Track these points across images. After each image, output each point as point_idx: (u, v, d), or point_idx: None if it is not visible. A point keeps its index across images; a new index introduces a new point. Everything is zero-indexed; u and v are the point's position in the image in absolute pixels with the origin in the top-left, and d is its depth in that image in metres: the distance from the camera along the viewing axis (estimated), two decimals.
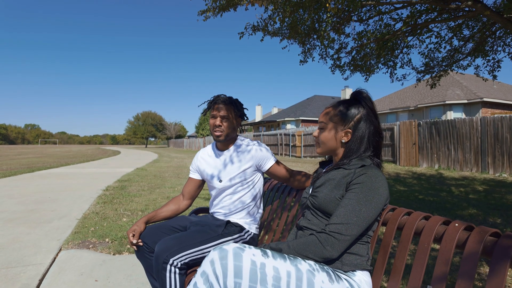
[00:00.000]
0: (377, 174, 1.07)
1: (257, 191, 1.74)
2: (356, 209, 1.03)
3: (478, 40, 5.01)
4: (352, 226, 1.02)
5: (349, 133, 1.19)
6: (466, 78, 20.89)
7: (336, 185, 1.12)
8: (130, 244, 1.57)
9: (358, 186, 1.06)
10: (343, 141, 1.20)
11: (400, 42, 4.60)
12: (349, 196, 1.06)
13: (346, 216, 1.03)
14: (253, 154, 1.70)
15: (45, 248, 2.93)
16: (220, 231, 1.53)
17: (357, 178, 1.08)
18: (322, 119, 1.25)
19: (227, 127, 1.69)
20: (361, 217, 1.02)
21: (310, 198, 1.21)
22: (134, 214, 4.28)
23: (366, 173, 1.08)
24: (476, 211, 4.84)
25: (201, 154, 1.86)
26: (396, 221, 1.10)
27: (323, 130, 1.25)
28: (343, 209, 1.05)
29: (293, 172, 1.72)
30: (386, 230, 1.12)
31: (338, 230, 1.02)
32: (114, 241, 3.13)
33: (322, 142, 1.25)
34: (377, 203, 1.05)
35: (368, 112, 1.19)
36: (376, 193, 1.05)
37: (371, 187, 1.05)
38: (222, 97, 1.72)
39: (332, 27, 3.95)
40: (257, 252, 0.97)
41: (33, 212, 4.38)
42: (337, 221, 1.03)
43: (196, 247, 1.43)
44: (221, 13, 3.83)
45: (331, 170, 1.20)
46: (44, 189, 6.51)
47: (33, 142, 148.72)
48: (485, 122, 9.40)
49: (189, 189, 1.84)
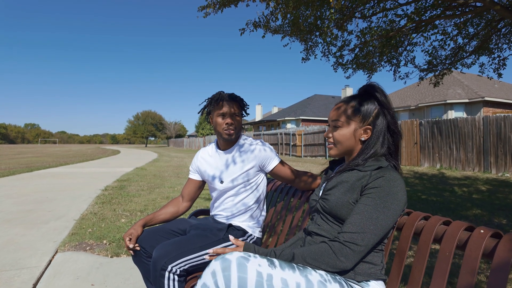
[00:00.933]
0: (396, 177, 0.98)
1: (260, 192, 1.66)
2: (373, 216, 0.94)
3: (483, 37, 4.92)
4: (369, 235, 0.93)
5: (369, 130, 1.09)
6: (467, 77, 20.79)
7: (350, 188, 1.03)
8: (126, 249, 1.49)
9: (375, 190, 0.97)
10: (362, 139, 1.11)
11: (404, 39, 4.51)
12: (365, 202, 0.97)
13: (362, 224, 0.94)
14: (256, 153, 1.61)
15: (40, 250, 2.85)
16: (221, 235, 1.45)
17: (374, 182, 0.98)
18: (336, 116, 1.14)
19: (238, 125, 1.62)
20: (378, 225, 0.93)
21: (321, 201, 1.11)
22: (133, 215, 4.20)
23: (383, 176, 0.98)
24: (481, 211, 4.76)
25: (201, 154, 1.78)
26: (412, 226, 1.02)
27: (338, 128, 1.13)
28: (359, 216, 0.96)
29: (298, 172, 1.63)
30: (401, 236, 1.04)
31: (354, 240, 0.93)
32: (112, 243, 3.05)
33: (338, 141, 1.14)
34: (395, 209, 0.95)
35: (384, 106, 1.09)
36: (394, 199, 0.95)
37: (389, 192, 0.96)
38: (229, 94, 1.63)
39: (335, 24, 3.87)
40: (263, 262, 0.88)
41: (30, 213, 4.30)
42: (352, 229, 0.94)
43: (196, 253, 1.35)
44: (221, 9, 3.74)
45: (344, 172, 1.10)
46: (42, 188, 6.43)
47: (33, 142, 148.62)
48: (488, 121, 9.31)
49: (188, 191, 1.76)
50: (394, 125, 1.09)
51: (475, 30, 5.03)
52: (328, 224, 1.06)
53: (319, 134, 17.31)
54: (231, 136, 1.59)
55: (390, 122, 1.09)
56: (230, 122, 1.58)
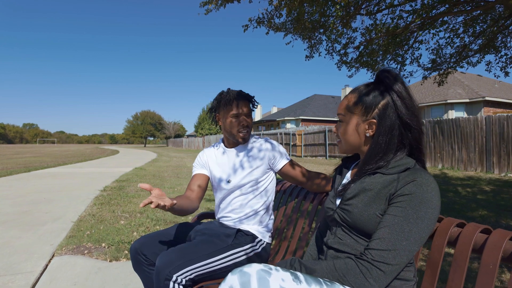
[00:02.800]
0: (429, 181, 0.85)
1: (269, 193, 1.56)
2: (405, 230, 0.81)
3: (489, 35, 4.83)
4: (402, 252, 0.80)
5: (373, 124, 0.93)
6: (467, 77, 20.74)
7: (375, 198, 0.89)
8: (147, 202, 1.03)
9: (406, 198, 0.83)
10: (367, 135, 0.95)
11: (409, 37, 4.42)
12: (394, 212, 0.84)
13: (393, 239, 0.80)
14: (265, 151, 1.52)
15: (36, 254, 2.74)
16: (230, 242, 1.35)
17: (404, 188, 0.84)
18: (340, 110, 1.01)
19: (251, 125, 1.54)
20: (411, 240, 0.80)
21: (340, 212, 0.97)
22: (132, 216, 4.09)
23: (415, 180, 0.84)
24: (487, 212, 4.68)
25: (207, 152, 1.68)
26: (445, 234, 0.92)
27: (342, 123, 1.01)
28: (388, 230, 0.82)
29: (311, 173, 1.53)
30: (433, 246, 0.93)
31: (384, 259, 0.80)
32: (111, 246, 2.94)
33: (342, 138, 1.01)
34: (430, 219, 0.82)
35: (398, 96, 0.92)
36: (428, 207, 0.82)
37: (422, 199, 0.82)
38: (239, 92, 1.53)
39: (340, 21, 3.77)
40: (287, 276, 0.77)
41: (26, 214, 4.19)
42: (381, 246, 0.81)
43: (203, 261, 1.25)
44: (224, 4, 3.63)
45: (365, 176, 0.95)
46: (40, 189, 6.31)
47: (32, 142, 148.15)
48: (490, 121, 9.23)
49: (198, 185, 1.55)
50: (410, 118, 0.91)
51: (481, 28, 4.94)
52: (351, 237, 0.93)
53: (319, 134, 17.21)
54: (244, 137, 1.52)
55: (404, 114, 0.91)
56: (245, 124, 1.50)
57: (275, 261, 1.57)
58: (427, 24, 3.74)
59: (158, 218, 3.98)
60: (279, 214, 1.74)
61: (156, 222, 3.77)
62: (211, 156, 1.64)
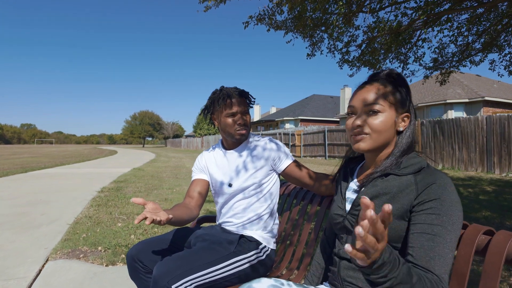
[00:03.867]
0: (447, 180, 0.78)
1: (273, 196, 1.47)
2: (447, 239, 0.73)
3: (493, 34, 4.76)
4: (449, 265, 0.72)
5: (406, 118, 0.90)
6: (466, 77, 20.72)
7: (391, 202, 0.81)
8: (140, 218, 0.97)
9: (436, 203, 0.75)
10: (400, 129, 0.90)
11: (412, 35, 4.34)
12: (429, 220, 0.75)
13: (444, 255, 0.72)
14: (267, 151, 1.43)
15: (30, 258, 2.64)
16: (232, 249, 1.26)
17: (428, 192, 0.77)
18: (376, 99, 0.87)
19: (249, 123, 1.45)
20: (452, 249, 0.73)
21: (351, 218, 0.89)
22: (130, 218, 4.00)
23: (435, 182, 0.77)
24: (490, 213, 4.61)
25: (206, 155, 1.58)
26: (473, 243, 0.83)
27: (377, 114, 0.87)
28: (432, 243, 0.73)
29: (317, 175, 1.44)
30: (458, 255, 0.85)
31: (444, 279, 0.71)
32: (108, 250, 2.85)
33: (376, 131, 0.87)
34: (460, 222, 0.76)
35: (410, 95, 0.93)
36: (458, 209, 0.76)
37: (451, 202, 0.75)
38: (236, 90, 1.44)
39: (343, 18, 3.69)
40: None
41: (22, 216, 4.08)
42: (438, 264, 0.72)
43: (204, 270, 1.16)
44: (224, 1, 3.55)
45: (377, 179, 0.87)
46: (36, 190, 6.20)
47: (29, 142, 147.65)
48: (491, 121, 9.18)
49: (199, 191, 1.47)
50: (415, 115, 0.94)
51: (484, 26, 4.88)
52: None
53: (319, 134, 17.14)
54: (243, 136, 1.43)
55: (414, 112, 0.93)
56: (242, 122, 1.41)
57: (280, 268, 1.48)
58: (431, 21, 3.67)
59: None
60: (283, 218, 1.66)
61: (154, 225, 3.67)
62: (211, 159, 1.55)
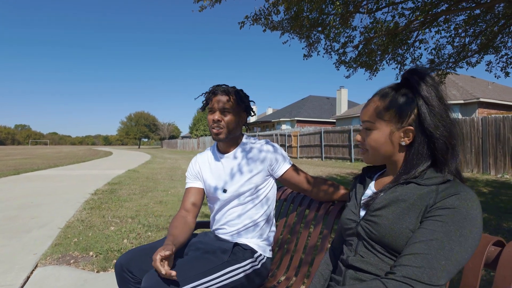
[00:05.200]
0: (473, 197, 0.73)
1: (270, 202, 1.41)
2: (446, 247, 0.68)
3: (489, 35, 4.76)
4: (439, 273, 0.67)
5: (410, 132, 0.84)
6: (461, 78, 20.86)
7: (409, 210, 0.77)
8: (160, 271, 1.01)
9: (448, 212, 0.71)
10: (402, 144, 0.86)
11: (409, 36, 4.32)
12: (432, 226, 0.71)
13: (431, 256, 0.68)
14: (264, 155, 1.37)
15: (18, 265, 2.55)
16: (226, 258, 1.19)
17: (445, 200, 0.73)
18: (367, 117, 0.90)
19: (229, 123, 1.35)
20: (452, 260, 0.68)
21: (364, 224, 0.85)
22: (123, 222, 3.91)
23: (457, 193, 0.73)
24: (487, 215, 4.58)
25: (199, 159, 1.52)
26: (481, 255, 0.78)
27: (370, 131, 0.90)
28: (424, 245, 0.70)
29: (316, 180, 1.38)
30: (466, 268, 0.80)
31: (418, 277, 0.67)
32: (99, 255, 2.77)
33: (372, 147, 0.90)
34: (474, 239, 0.70)
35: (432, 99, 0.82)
36: (474, 225, 0.70)
37: (467, 216, 0.70)
38: (222, 87, 1.38)
39: (339, 19, 3.65)
40: None
41: (12, 220, 3.98)
42: (415, 262, 0.69)
43: (197, 280, 1.09)
44: (219, 0, 3.49)
45: (397, 186, 0.84)
46: (28, 192, 6.08)
47: (24, 143, 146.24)
48: (487, 122, 9.22)
49: (194, 201, 1.42)
50: (449, 125, 0.81)
51: (480, 27, 4.87)
52: (375, 255, 0.80)
53: (315, 135, 17.14)
54: (217, 135, 1.35)
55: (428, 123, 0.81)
56: (216, 119, 1.33)
57: (276, 276, 1.42)
58: (428, 22, 3.64)
59: (150, 224, 3.81)
60: (280, 225, 1.60)
61: (148, 228, 3.60)
62: (204, 163, 1.48)
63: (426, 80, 0.84)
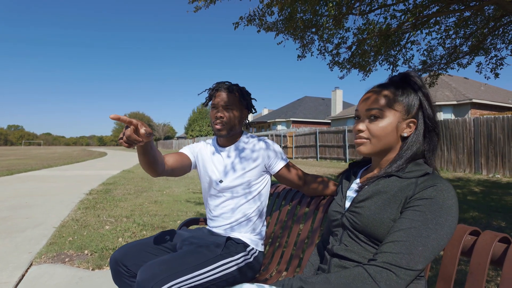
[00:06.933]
0: (449, 188, 0.79)
1: (263, 198, 1.45)
2: (423, 234, 0.74)
3: (480, 37, 4.85)
4: (417, 258, 0.72)
5: (412, 124, 0.90)
6: (455, 79, 21.13)
7: (390, 201, 0.82)
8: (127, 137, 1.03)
9: (425, 202, 0.77)
10: (404, 135, 0.91)
11: (402, 37, 4.40)
12: (411, 216, 0.77)
13: (409, 243, 0.73)
14: (262, 152, 1.41)
15: (13, 264, 2.56)
16: (219, 252, 1.23)
17: (423, 192, 0.78)
18: (377, 104, 0.90)
19: (231, 119, 1.40)
20: (428, 247, 0.73)
21: (349, 215, 0.90)
22: (118, 221, 3.92)
23: (435, 185, 0.79)
24: (478, 213, 4.67)
25: (203, 145, 1.57)
26: (459, 244, 0.83)
27: (377, 119, 0.90)
28: (404, 233, 0.75)
29: (308, 176, 1.43)
30: (445, 256, 0.85)
31: (397, 263, 0.72)
32: (94, 254, 2.78)
33: (376, 136, 0.90)
34: (450, 227, 0.76)
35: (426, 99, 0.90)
36: (449, 214, 0.76)
37: (443, 205, 0.76)
38: (226, 84, 1.43)
39: (333, 20, 3.71)
40: None
41: (5, 220, 3.97)
42: (395, 249, 0.74)
43: (190, 273, 1.13)
44: (214, 1, 3.53)
45: (380, 179, 0.89)
46: (22, 193, 6.05)
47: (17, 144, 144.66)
48: (478, 122, 9.35)
49: (176, 160, 1.42)
50: (433, 122, 0.90)
51: (471, 29, 4.97)
52: (359, 244, 0.86)
53: (310, 136, 17.23)
54: (219, 131, 1.40)
55: (430, 117, 0.90)
56: (219, 115, 1.39)
57: (269, 270, 1.46)
58: (420, 24, 3.72)
59: (145, 223, 3.83)
60: (272, 219, 1.64)
61: (143, 227, 3.62)
62: (206, 151, 1.53)
63: (422, 80, 0.93)
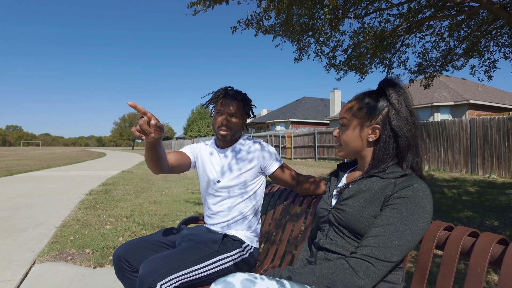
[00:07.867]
0: (424, 188, 0.87)
1: (258, 197, 1.53)
2: (399, 230, 0.82)
3: (473, 40, 4.95)
4: (393, 251, 0.81)
5: (377, 130, 0.97)
6: (452, 80, 21.25)
7: (371, 199, 0.91)
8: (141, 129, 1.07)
9: (402, 201, 0.85)
10: (370, 140, 0.99)
11: (397, 40, 4.49)
12: (389, 213, 0.85)
13: (386, 238, 0.82)
14: (257, 154, 1.49)
15: (16, 262, 2.63)
16: (216, 248, 1.31)
17: (400, 191, 0.87)
18: (344, 114, 1.03)
19: (236, 126, 1.49)
20: (403, 241, 0.82)
21: (334, 212, 0.98)
22: (118, 221, 4.00)
23: (411, 185, 0.87)
24: (472, 213, 4.76)
25: (202, 145, 1.65)
26: (433, 238, 0.91)
27: (345, 127, 1.03)
28: (382, 228, 0.84)
29: (301, 177, 1.51)
30: (421, 249, 0.93)
31: (375, 255, 0.81)
32: (95, 252, 2.86)
33: (344, 142, 1.03)
34: (423, 223, 0.84)
35: (400, 105, 0.95)
36: (423, 212, 0.84)
37: (417, 204, 0.84)
38: (232, 91, 1.51)
39: (328, 24, 3.79)
40: (272, 284, 0.76)
41: (6, 220, 4.04)
42: (373, 243, 0.83)
43: (189, 268, 1.21)
44: (212, 5, 3.60)
45: (362, 179, 0.97)
46: (21, 193, 6.11)
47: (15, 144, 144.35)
48: (474, 123, 9.45)
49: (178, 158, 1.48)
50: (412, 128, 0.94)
51: (465, 32, 5.06)
52: (343, 238, 0.94)
53: (309, 136, 17.31)
54: (224, 137, 1.48)
55: (394, 124, 0.94)
56: (224, 122, 1.47)
57: (263, 266, 1.54)
58: (414, 28, 3.80)
59: (145, 222, 3.90)
60: (267, 218, 1.72)
61: (143, 227, 3.69)
62: (205, 151, 1.61)
63: (397, 89, 0.98)
